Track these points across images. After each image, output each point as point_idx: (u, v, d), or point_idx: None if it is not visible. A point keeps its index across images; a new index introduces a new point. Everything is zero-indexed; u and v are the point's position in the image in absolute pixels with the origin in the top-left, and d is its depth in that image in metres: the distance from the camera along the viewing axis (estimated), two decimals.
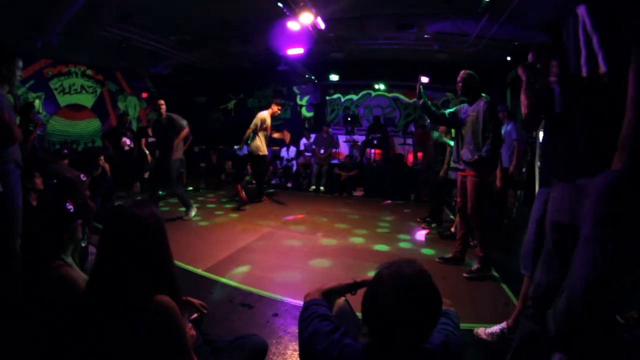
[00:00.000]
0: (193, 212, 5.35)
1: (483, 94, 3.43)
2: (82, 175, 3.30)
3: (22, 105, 4.62)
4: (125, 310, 1.13)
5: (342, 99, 10.92)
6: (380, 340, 1.01)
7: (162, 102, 5.36)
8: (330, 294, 1.42)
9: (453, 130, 4.21)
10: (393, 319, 0.94)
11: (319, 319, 1.17)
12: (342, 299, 1.50)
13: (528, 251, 2.18)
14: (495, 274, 3.48)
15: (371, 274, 1.62)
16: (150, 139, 7.18)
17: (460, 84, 3.46)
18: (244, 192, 6.14)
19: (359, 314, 1.47)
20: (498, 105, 8.06)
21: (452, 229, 4.84)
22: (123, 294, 1.14)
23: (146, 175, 7.13)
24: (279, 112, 6.20)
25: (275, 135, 6.39)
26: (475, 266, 3.46)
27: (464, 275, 3.42)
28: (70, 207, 1.71)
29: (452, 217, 6.19)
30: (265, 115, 6.08)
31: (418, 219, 5.70)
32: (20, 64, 2.52)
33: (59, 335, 1.43)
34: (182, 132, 5.31)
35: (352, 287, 1.48)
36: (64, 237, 1.67)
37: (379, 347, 1.02)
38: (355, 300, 1.50)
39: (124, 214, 1.21)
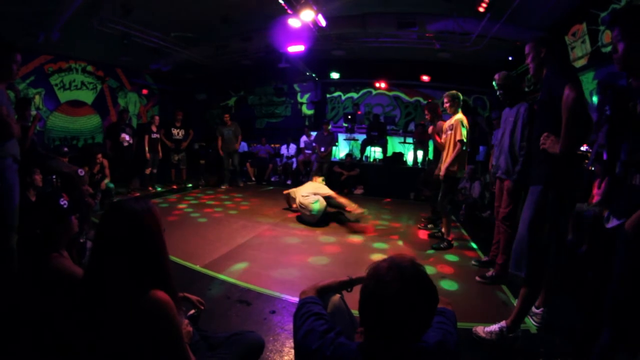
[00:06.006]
0: None
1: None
2: (80, 171, 3.27)
3: (16, 101, 4.60)
4: (119, 305, 1.12)
5: (343, 97, 10.90)
6: (377, 337, 0.98)
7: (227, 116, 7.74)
8: (325, 291, 1.40)
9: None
10: (392, 312, 0.91)
11: (314, 317, 1.15)
12: (337, 296, 1.48)
13: (519, 251, 2.19)
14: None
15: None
16: (154, 135, 7.16)
17: (500, 91, 3.31)
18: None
19: (354, 312, 1.46)
20: (492, 112, 8.04)
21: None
22: (117, 288, 1.13)
23: (147, 171, 7.12)
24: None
25: None
26: (490, 273, 3.32)
27: (477, 279, 3.31)
28: (64, 202, 1.70)
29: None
30: None
31: (422, 218, 5.59)
32: (19, 57, 2.50)
33: (57, 326, 1.42)
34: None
35: (347, 284, 1.47)
36: (58, 232, 1.66)
37: (374, 346, 0.99)
38: (350, 298, 1.50)
39: (120, 208, 1.21)
